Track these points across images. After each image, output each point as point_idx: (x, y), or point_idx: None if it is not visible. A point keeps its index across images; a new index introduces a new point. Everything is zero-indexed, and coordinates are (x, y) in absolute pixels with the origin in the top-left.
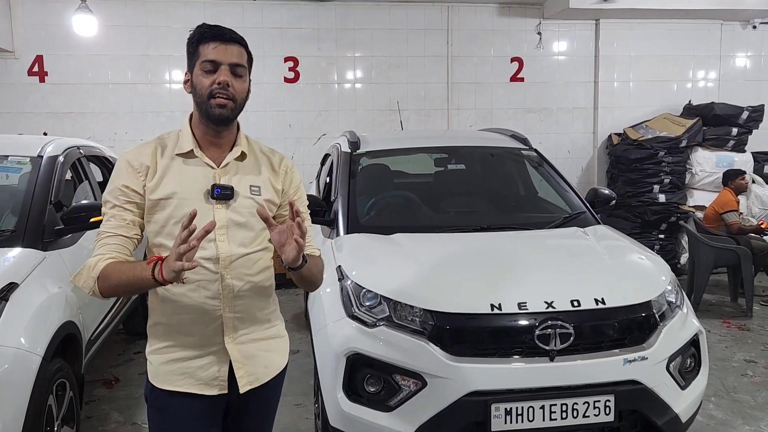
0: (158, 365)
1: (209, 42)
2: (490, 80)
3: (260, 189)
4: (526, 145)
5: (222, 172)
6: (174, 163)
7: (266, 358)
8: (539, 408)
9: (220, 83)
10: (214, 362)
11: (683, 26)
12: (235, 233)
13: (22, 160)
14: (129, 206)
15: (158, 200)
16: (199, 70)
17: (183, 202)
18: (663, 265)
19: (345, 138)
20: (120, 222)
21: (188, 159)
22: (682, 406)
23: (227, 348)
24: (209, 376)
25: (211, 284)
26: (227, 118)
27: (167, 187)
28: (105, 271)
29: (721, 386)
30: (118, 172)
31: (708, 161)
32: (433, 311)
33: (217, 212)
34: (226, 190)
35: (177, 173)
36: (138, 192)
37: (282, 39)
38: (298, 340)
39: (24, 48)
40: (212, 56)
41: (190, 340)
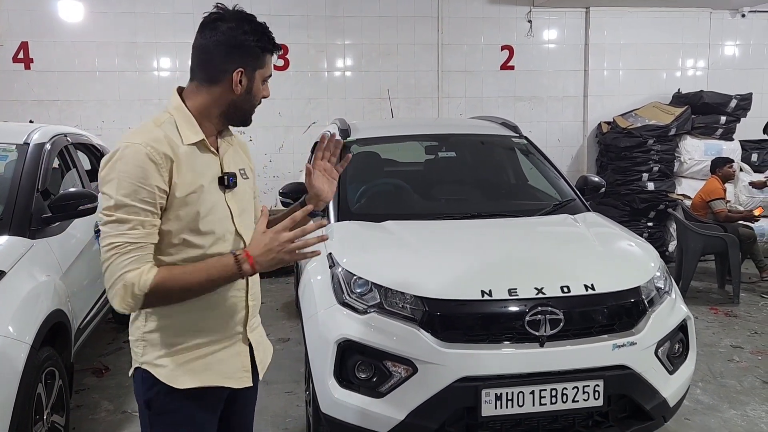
0: (175, 367)
1: (272, 53)
2: (481, 68)
3: (245, 171)
4: (516, 133)
5: (223, 159)
6: (189, 153)
7: (265, 344)
8: (529, 393)
9: (266, 97)
10: (236, 353)
11: (673, 14)
12: (243, 219)
13: (8, 148)
14: (154, 209)
15: (185, 196)
16: (261, 78)
17: (207, 195)
18: (652, 252)
19: (335, 126)
20: (150, 230)
21: (196, 148)
22: (670, 390)
23: (249, 336)
24: (234, 367)
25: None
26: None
27: (192, 180)
28: (160, 283)
29: (708, 371)
30: (139, 168)
31: (696, 149)
32: (424, 298)
33: (230, 201)
34: (232, 177)
35: (193, 164)
36: (165, 191)
37: (271, 26)
38: (289, 328)
39: (8, 34)
40: (272, 71)
41: (213, 336)
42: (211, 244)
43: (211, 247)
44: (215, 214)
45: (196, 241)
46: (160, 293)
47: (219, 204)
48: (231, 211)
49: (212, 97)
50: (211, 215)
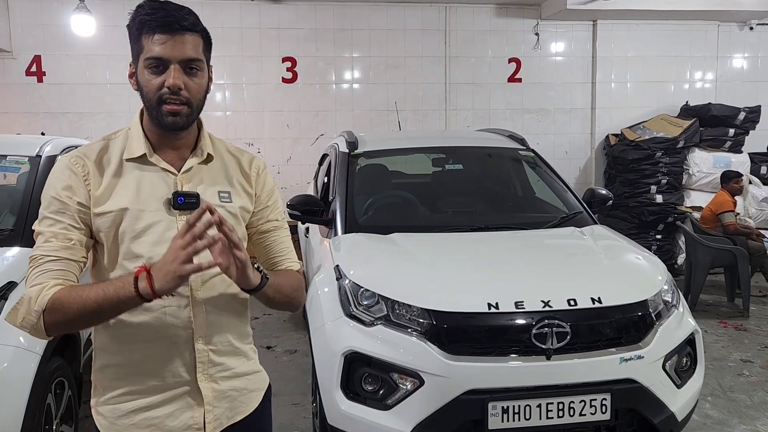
0: (115, 419)
1: (154, 33)
2: (488, 81)
3: (230, 195)
4: (523, 146)
5: (185, 178)
6: (125, 169)
7: (236, 397)
8: (536, 406)
9: (170, 87)
10: (185, 407)
11: (680, 27)
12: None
13: (21, 160)
14: (72, 222)
15: (107, 213)
16: (144, 67)
17: (140, 214)
18: (659, 265)
19: (343, 138)
20: (63, 243)
21: (142, 164)
22: (678, 404)
23: (200, 387)
24: (181, 425)
25: (181, 310)
26: (182, 126)
27: (118, 198)
28: (56, 300)
29: (717, 386)
30: (57, 180)
31: (705, 162)
32: (431, 310)
33: (181, 224)
34: (190, 198)
35: (129, 181)
36: (84, 204)
37: (280, 39)
38: (296, 339)
39: (22, 48)
40: (158, 52)
41: (155, 383)
42: None
43: None
44: (150, 236)
45: (128, 265)
46: (58, 312)
47: (161, 226)
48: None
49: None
50: (145, 237)
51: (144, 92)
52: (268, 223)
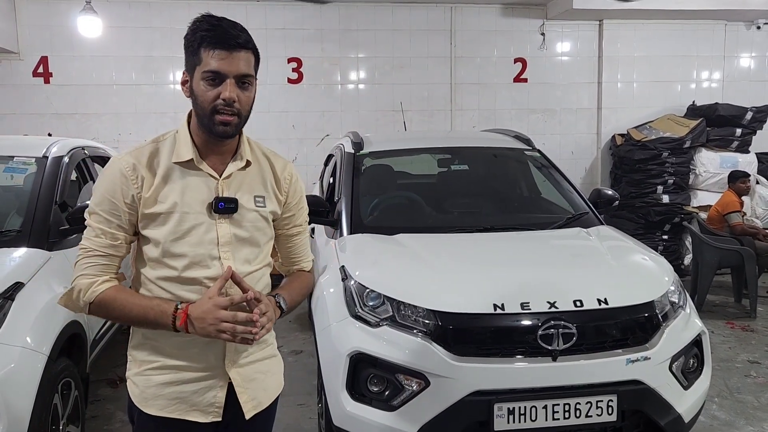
0: (146, 388)
1: (214, 48)
2: (494, 81)
3: (264, 200)
4: (529, 146)
5: (225, 184)
6: (173, 172)
7: (264, 380)
8: (542, 408)
9: (225, 100)
10: (211, 387)
11: (687, 27)
12: (240, 249)
13: (28, 161)
14: (122, 223)
15: (157, 214)
16: (201, 79)
17: (185, 216)
18: (666, 266)
19: (348, 139)
20: (111, 240)
21: (188, 168)
22: (685, 406)
23: (229, 372)
24: (204, 401)
25: None
26: (231, 135)
27: (167, 199)
28: (105, 298)
29: (724, 387)
30: (110, 181)
31: (712, 162)
32: (437, 311)
33: (220, 227)
34: (230, 204)
35: (177, 184)
36: (131, 205)
37: (285, 40)
38: (302, 340)
39: (29, 49)
40: (216, 67)
41: (188, 364)
42: (184, 267)
43: (186, 271)
44: (193, 237)
45: (168, 262)
46: (102, 310)
47: (202, 228)
48: (218, 237)
49: (194, 109)
50: (189, 238)
51: (199, 101)
52: (295, 228)
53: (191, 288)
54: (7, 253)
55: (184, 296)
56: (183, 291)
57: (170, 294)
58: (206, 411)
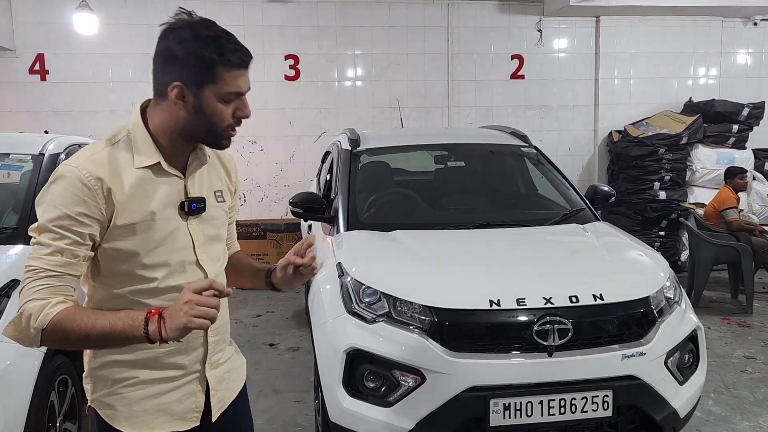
0: (123, 407)
1: (235, 68)
2: (491, 77)
3: (222, 193)
4: (525, 143)
5: (190, 183)
6: (139, 177)
7: (230, 379)
8: (538, 403)
9: (244, 118)
10: (191, 392)
11: (684, 23)
12: (211, 248)
13: (24, 158)
14: (81, 239)
15: (130, 225)
16: (215, 96)
17: (161, 222)
18: (661, 261)
19: (345, 135)
20: (69, 259)
21: (153, 172)
22: (681, 401)
23: (207, 375)
24: (186, 408)
25: None
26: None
27: (142, 207)
28: (58, 322)
29: (720, 382)
30: (69, 193)
31: (708, 158)
32: (433, 307)
33: (193, 229)
34: (200, 203)
35: (145, 190)
36: (97, 219)
37: (282, 37)
38: (299, 337)
39: (25, 46)
40: (240, 88)
41: (170, 373)
42: (164, 276)
43: (165, 280)
44: (171, 244)
45: (145, 274)
46: (57, 335)
47: (177, 232)
48: (193, 240)
49: (167, 115)
50: (166, 245)
51: (210, 120)
52: (233, 215)
53: (170, 297)
54: (4, 250)
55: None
56: (161, 301)
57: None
58: (187, 418)
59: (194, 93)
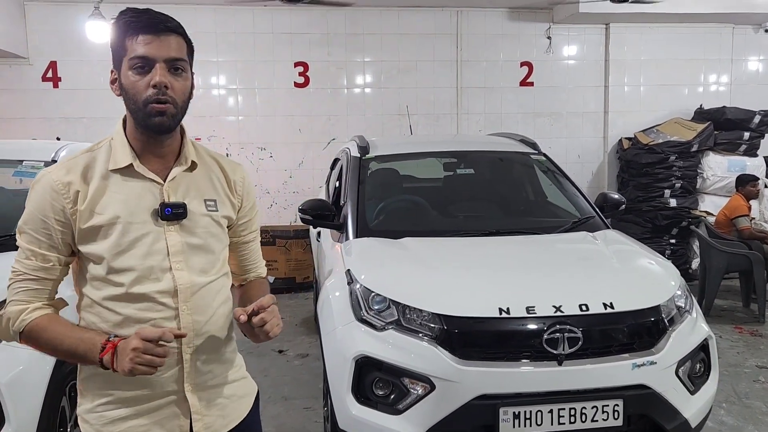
0: (101, 426)
1: (138, 34)
2: (500, 85)
3: (216, 203)
4: (535, 150)
5: (170, 187)
6: (111, 180)
7: (226, 406)
8: (548, 412)
9: (156, 85)
10: (172, 416)
11: (694, 30)
12: (193, 259)
13: (36, 165)
14: (54, 243)
15: (97, 228)
16: (129, 69)
17: (129, 226)
18: (672, 270)
19: (354, 142)
20: (42, 263)
21: (127, 175)
22: (692, 411)
23: (187, 396)
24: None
25: (169, 322)
26: (169, 127)
27: (107, 210)
28: (32, 330)
29: (732, 392)
30: (39, 197)
31: (720, 165)
32: (442, 315)
33: (170, 235)
34: (177, 209)
35: (116, 192)
36: (64, 222)
37: (292, 44)
38: (308, 343)
39: (38, 54)
40: (143, 52)
41: (143, 393)
42: (131, 282)
43: (134, 286)
44: (139, 249)
45: (113, 279)
46: (32, 341)
47: (147, 237)
48: (168, 246)
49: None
50: (134, 249)
51: (129, 95)
52: (250, 234)
53: (141, 306)
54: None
55: (133, 315)
56: (132, 309)
57: (118, 315)
58: None
59: (119, 75)
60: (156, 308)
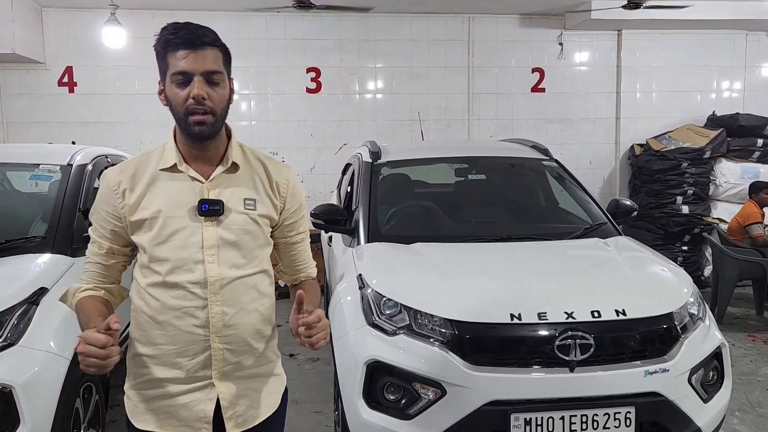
0: (138, 402)
1: (177, 49)
2: (511, 90)
3: (255, 203)
4: (547, 156)
5: (210, 186)
6: (158, 179)
7: (256, 398)
8: (559, 419)
9: (195, 98)
10: (200, 400)
11: (707, 36)
12: (227, 253)
13: (53, 169)
14: (107, 233)
15: (141, 221)
16: (171, 82)
17: (169, 220)
18: (685, 277)
19: (366, 148)
20: (98, 249)
21: (173, 174)
22: (705, 419)
23: (215, 384)
24: (194, 416)
25: (199, 311)
26: (209, 134)
27: (151, 205)
28: (78, 306)
29: (745, 401)
30: (99, 194)
31: (732, 172)
32: (453, 320)
33: (206, 230)
34: (214, 205)
35: (161, 190)
36: (116, 215)
37: (304, 50)
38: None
39: (54, 59)
40: (182, 67)
41: (176, 374)
42: (167, 271)
43: (169, 275)
44: (176, 241)
45: (154, 267)
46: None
47: (186, 232)
48: (203, 240)
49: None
50: (172, 242)
51: (172, 106)
52: (298, 235)
53: (175, 293)
54: (32, 258)
55: (168, 302)
56: (168, 297)
57: (157, 301)
58: (195, 427)
59: (164, 87)
60: (188, 297)
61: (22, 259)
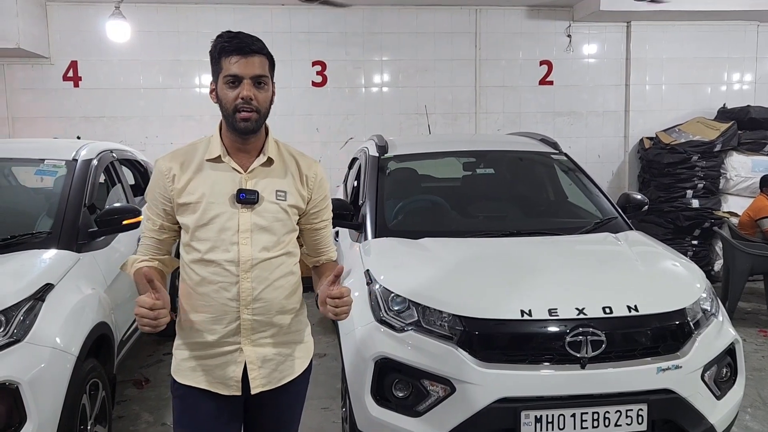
0: (180, 360)
1: (230, 56)
2: (519, 83)
3: (286, 194)
4: (555, 149)
5: (248, 177)
6: (204, 168)
7: (282, 362)
8: (570, 416)
9: (243, 98)
10: (229, 362)
11: (717, 28)
12: (259, 237)
13: (58, 164)
14: (159, 212)
15: (187, 204)
16: (223, 83)
17: (210, 205)
18: (698, 272)
19: (373, 142)
20: (152, 226)
21: (217, 164)
22: (718, 416)
23: (243, 349)
24: (224, 375)
25: (232, 286)
26: (252, 129)
27: (196, 190)
28: (135, 274)
29: (757, 397)
30: (153, 177)
31: (743, 166)
32: (462, 316)
33: (242, 216)
34: (251, 195)
35: (206, 177)
36: (166, 197)
37: (309, 43)
38: (325, 343)
39: (59, 54)
40: (234, 71)
41: (210, 339)
42: (207, 250)
43: (208, 253)
44: (216, 224)
45: (195, 245)
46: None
47: (225, 216)
48: (239, 225)
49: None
50: (212, 224)
51: (223, 103)
52: (321, 222)
53: (211, 270)
54: (38, 254)
55: (207, 277)
56: (206, 272)
57: (197, 275)
58: (227, 384)
59: (216, 85)
60: (223, 274)
61: (27, 254)
